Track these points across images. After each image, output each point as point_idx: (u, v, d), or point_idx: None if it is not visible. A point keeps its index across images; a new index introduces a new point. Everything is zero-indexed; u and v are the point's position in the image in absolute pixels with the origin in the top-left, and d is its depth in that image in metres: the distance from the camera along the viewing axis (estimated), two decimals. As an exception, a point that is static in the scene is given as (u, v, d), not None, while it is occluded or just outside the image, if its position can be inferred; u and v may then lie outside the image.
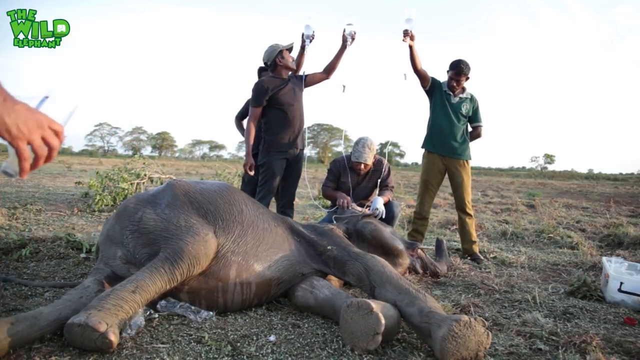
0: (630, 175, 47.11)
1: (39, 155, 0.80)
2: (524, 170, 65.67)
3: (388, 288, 2.08)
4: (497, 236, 5.06)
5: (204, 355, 1.74)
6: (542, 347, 1.95)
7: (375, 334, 1.77)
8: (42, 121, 0.80)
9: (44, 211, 5.22)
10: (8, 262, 2.94)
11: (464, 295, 2.72)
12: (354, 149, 3.56)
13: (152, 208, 2.22)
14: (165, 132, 78.02)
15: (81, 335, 1.66)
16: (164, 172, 7.58)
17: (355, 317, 1.83)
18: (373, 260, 2.28)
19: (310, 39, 3.58)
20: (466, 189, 3.80)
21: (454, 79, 3.73)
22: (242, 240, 2.24)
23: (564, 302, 2.61)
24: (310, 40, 3.58)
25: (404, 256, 2.89)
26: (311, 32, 3.56)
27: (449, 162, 3.82)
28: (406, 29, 3.52)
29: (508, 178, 29.52)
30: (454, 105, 3.78)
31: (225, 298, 2.16)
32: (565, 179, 32.51)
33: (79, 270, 2.88)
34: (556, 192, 14.47)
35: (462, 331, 1.71)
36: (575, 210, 8.35)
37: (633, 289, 2.60)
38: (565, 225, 5.91)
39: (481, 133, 3.96)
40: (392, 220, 3.55)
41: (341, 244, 2.51)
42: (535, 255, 4.03)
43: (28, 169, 0.80)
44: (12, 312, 2.07)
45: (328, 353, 1.83)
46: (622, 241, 4.68)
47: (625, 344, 2.00)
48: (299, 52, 3.65)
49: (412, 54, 3.63)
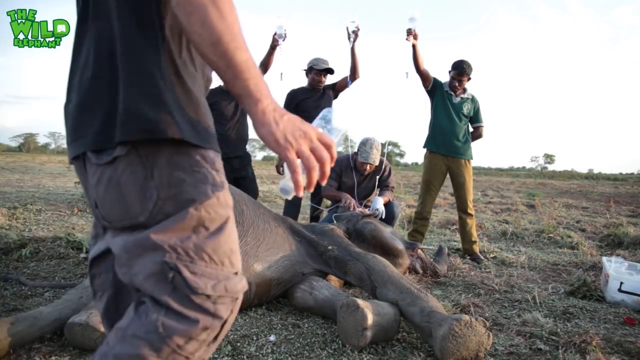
0: (630, 175, 47.14)
1: (309, 167, 0.75)
2: (524, 170, 65.71)
3: (389, 288, 2.08)
4: (497, 236, 5.06)
5: (204, 355, 1.74)
6: (542, 347, 1.95)
7: (362, 329, 1.79)
8: (310, 133, 0.76)
9: (44, 211, 5.22)
10: (8, 262, 2.93)
11: (464, 295, 2.72)
12: (361, 149, 3.56)
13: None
14: (165, 132, 77.77)
15: (82, 335, 1.66)
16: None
17: (346, 316, 1.87)
18: (374, 260, 2.28)
19: (283, 38, 3.59)
20: (468, 189, 3.80)
21: (456, 79, 3.73)
22: (243, 240, 2.24)
23: (564, 302, 2.61)
24: (283, 39, 3.59)
25: (403, 256, 2.89)
26: (283, 32, 3.57)
27: (451, 162, 3.81)
28: (410, 28, 3.53)
29: (508, 178, 29.52)
30: (455, 105, 3.78)
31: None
32: (565, 179, 32.51)
33: (79, 270, 2.88)
34: (556, 192, 14.47)
35: (462, 331, 1.71)
36: (575, 210, 8.35)
37: (633, 289, 2.60)
38: (565, 225, 5.90)
39: (482, 133, 3.97)
40: (393, 221, 3.55)
41: (342, 243, 2.51)
42: (535, 255, 4.03)
43: (301, 183, 0.76)
44: (12, 312, 2.07)
45: (328, 353, 1.83)
46: (622, 241, 4.68)
47: (625, 344, 2.00)
48: (267, 51, 3.64)
49: (415, 54, 3.63)
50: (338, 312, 1.93)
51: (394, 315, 1.92)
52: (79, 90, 0.80)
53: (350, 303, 1.87)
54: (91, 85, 0.79)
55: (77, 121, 0.81)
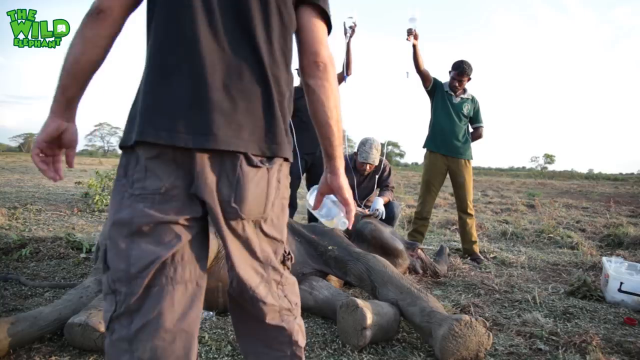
0: (630, 175, 47.10)
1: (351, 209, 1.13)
2: (524, 170, 65.66)
3: (390, 288, 2.08)
4: (497, 236, 5.06)
5: (204, 355, 1.74)
6: (542, 347, 1.95)
7: (362, 328, 1.79)
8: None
9: (44, 211, 5.22)
10: (8, 262, 2.94)
11: (464, 295, 2.72)
12: (361, 149, 3.55)
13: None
14: (165, 132, 77.89)
15: (81, 335, 1.66)
16: (164, 172, 7.56)
17: (345, 316, 1.87)
18: (374, 260, 2.28)
19: None
20: (468, 189, 3.80)
21: (456, 79, 3.74)
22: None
23: (564, 302, 2.61)
24: None
25: (403, 256, 2.89)
26: None
27: (451, 162, 3.81)
28: (410, 28, 3.53)
29: (508, 178, 29.52)
30: (455, 106, 3.78)
31: (225, 298, 2.16)
32: (565, 179, 32.50)
33: (79, 270, 2.88)
34: (556, 192, 14.46)
35: (462, 331, 1.71)
36: (575, 210, 8.35)
37: (633, 289, 2.60)
38: (565, 225, 5.90)
39: (482, 134, 3.97)
40: (393, 221, 3.55)
41: (342, 244, 2.51)
42: (535, 255, 4.03)
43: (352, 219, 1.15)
44: (12, 312, 2.07)
45: (328, 353, 1.83)
46: (622, 241, 4.68)
47: (625, 344, 2.00)
48: None
49: (415, 54, 3.63)
50: (338, 312, 1.93)
51: (394, 315, 1.92)
52: (247, 97, 0.95)
53: (350, 303, 1.87)
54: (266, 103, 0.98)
55: (244, 122, 0.94)
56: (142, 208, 0.89)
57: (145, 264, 0.89)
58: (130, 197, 0.91)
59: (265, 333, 1.06)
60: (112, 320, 0.91)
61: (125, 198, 0.92)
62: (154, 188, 0.90)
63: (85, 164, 22.84)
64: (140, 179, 0.90)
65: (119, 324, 0.91)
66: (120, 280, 0.90)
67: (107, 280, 0.93)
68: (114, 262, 0.91)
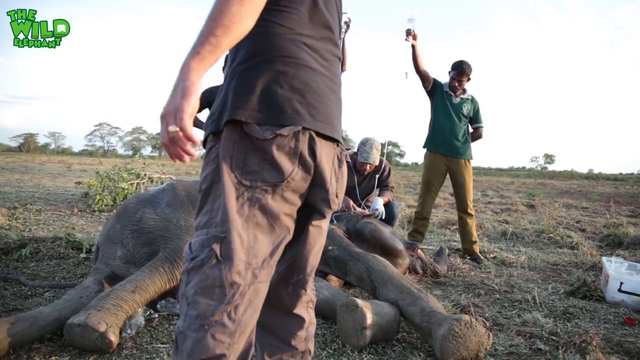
0: (630, 175, 47.12)
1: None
2: (524, 170, 65.70)
3: (390, 288, 2.08)
4: (497, 236, 5.06)
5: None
6: (542, 347, 1.95)
7: (362, 328, 1.79)
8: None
9: (44, 211, 5.22)
10: (8, 262, 2.93)
11: (464, 295, 2.72)
12: (361, 149, 3.55)
13: (152, 208, 2.22)
14: (165, 132, 77.78)
15: (81, 335, 1.66)
16: (164, 172, 7.57)
17: (345, 316, 1.87)
18: (374, 260, 2.28)
19: None
20: (468, 189, 3.80)
21: (456, 79, 3.74)
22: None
23: (564, 302, 2.61)
24: None
25: (403, 256, 2.89)
26: None
27: (451, 162, 3.82)
28: (409, 29, 3.52)
29: (508, 178, 29.52)
30: (455, 106, 3.79)
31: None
32: (565, 179, 32.51)
33: (79, 270, 2.88)
34: (556, 192, 14.47)
35: (462, 331, 1.71)
36: (575, 210, 8.35)
37: (633, 289, 2.60)
38: (565, 225, 5.90)
39: (482, 134, 3.97)
40: (392, 221, 3.55)
41: (342, 243, 2.51)
42: (535, 255, 4.03)
43: None
44: (12, 312, 2.07)
45: (328, 353, 1.83)
46: (622, 241, 4.68)
47: (625, 344, 2.00)
48: None
49: (414, 54, 3.63)
50: (337, 311, 1.93)
51: (394, 315, 1.92)
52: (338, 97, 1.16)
53: (350, 303, 1.87)
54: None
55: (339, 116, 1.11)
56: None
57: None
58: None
59: (287, 325, 1.13)
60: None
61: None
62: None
63: (85, 164, 22.86)
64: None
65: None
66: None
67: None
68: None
